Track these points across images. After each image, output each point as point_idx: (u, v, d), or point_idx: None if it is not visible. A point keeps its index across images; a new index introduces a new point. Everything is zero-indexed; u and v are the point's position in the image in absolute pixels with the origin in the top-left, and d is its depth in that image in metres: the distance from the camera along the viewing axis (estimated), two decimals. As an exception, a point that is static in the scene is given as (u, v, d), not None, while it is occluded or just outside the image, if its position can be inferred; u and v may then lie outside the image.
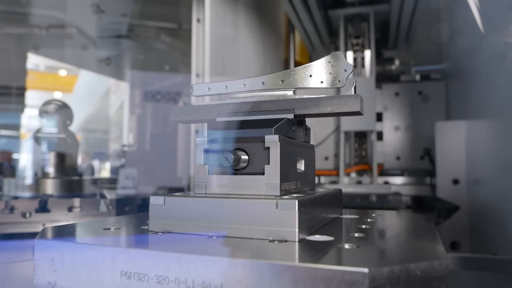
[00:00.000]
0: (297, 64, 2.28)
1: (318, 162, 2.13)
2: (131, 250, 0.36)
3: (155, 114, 3.36)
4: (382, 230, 0.47)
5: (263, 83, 0.54)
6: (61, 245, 0.40)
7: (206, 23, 1.35)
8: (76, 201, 1.02)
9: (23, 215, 0.96)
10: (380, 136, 2.06)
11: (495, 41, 1.00)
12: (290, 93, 0.53)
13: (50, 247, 0.40)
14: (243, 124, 0.50)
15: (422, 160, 1.97)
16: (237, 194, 0.45)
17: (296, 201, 0.39)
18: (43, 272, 0.40)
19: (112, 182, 2.40)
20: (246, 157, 0.46)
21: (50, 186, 1.16)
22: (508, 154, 0.93)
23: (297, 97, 0.52)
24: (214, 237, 0.41)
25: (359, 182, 1.91)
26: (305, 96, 0.51)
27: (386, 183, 1.90)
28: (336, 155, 2.11)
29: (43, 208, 0.99)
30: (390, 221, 0.54)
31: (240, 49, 1.68)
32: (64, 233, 0.44)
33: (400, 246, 0.38)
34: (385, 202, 1.54)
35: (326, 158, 2.13)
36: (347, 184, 1.85)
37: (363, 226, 0.48)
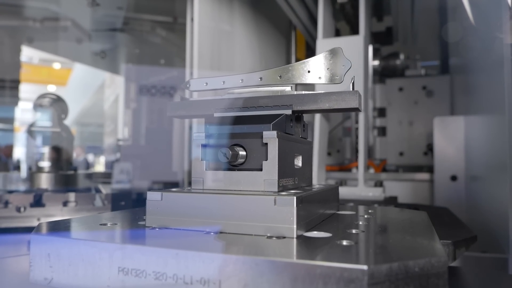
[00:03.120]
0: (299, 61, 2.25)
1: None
2: (128, 246, 0.36)
3: (150, 108, 3.35)
4: (379, 227, 0.48)
5: (261, 78, 0.53)
6: (57, 240, 0.39)
7: (195, 22, 1.34)
8: (71, 196, 1.02)
9: (18, 209, 0.95)
10: (383, 131, 2.03)
11: (491, 35, 1.00)
12: (288, 88, 0.53)
13: (46, 243, 0.40)
14: (241, 120, 0.50)
15: (425, 156, 1.93)
16: (234, 190, 0.45)
17: (295, 197, 0.38)
18: (40, 267, 0.39)
19: (107, 177, 2.39)
20: (244, 153, 0.46)
21: (44, 180, 1.15)
22: (508, 150, 0.93)
23: (295, 93, 0.51)
24: (212, 233, 0.41)
25: (342, 183, 1.54)
26: (303, 92, 0.51)
27: (380, 184, 1.45)
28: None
29: (37, 202, 0.98)
30: (387, 218, 0.55)
31: (237, 46, 1.66)
32: (60, 228, 0.44)
33: (398, 243, 0.38)
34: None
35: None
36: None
37: (360, 223, 0.48)
